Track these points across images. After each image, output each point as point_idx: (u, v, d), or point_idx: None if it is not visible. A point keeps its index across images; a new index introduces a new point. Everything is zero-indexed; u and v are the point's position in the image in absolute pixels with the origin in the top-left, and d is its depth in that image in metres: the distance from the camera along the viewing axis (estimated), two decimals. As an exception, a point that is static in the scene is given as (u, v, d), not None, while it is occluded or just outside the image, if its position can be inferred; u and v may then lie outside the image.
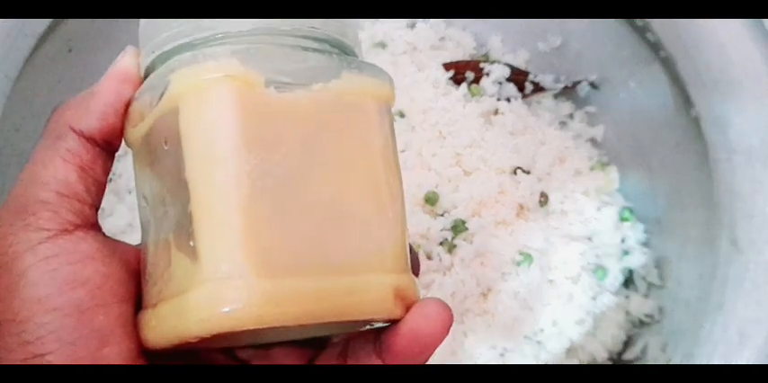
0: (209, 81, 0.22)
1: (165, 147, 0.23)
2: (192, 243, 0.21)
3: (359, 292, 0.22)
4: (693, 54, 0.41)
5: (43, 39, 0.41)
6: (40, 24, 0.41)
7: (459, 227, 0.44)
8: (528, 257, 0.45)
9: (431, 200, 0.45)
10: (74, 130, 0.24)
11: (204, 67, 0.22)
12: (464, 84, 0.51)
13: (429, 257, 0.44)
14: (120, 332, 0.23)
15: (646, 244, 0.48)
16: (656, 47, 0.44)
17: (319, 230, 0.22)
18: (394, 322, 0.23)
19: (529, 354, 0.43)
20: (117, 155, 0.25)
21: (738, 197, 0.38)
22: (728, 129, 0.39)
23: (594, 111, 0.52)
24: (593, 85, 0.51)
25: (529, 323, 0.44)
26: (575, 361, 0.44)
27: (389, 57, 0.51)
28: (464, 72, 0.51)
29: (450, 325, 0.23)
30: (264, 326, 0.21)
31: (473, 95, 0.50)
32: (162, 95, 0.22)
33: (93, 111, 0.24)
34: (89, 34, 0.47)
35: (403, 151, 0.46)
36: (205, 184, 0.21)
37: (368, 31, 0.53)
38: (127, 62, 0.25)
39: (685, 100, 0.42)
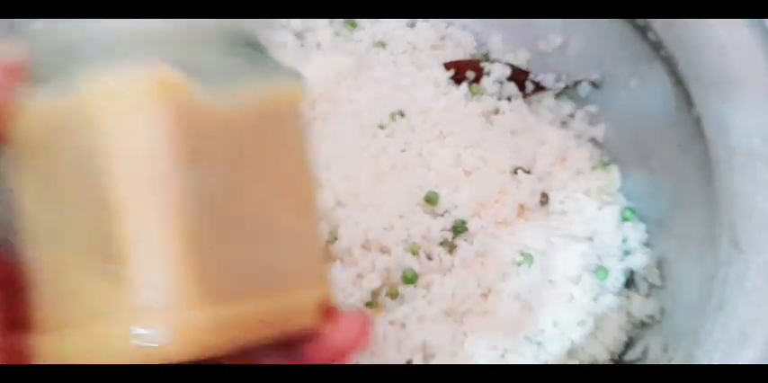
0: (136, 89, 0.20)
1: (71, 157, 0.20)
2: (113, 266, 0.19)
3: (289, 311, 0.22)
4: (694, 54, 0.41)
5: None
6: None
7: (459, 228, 0.44)
8: (528, 257, 0.45)
9: (431, 200, 0.45)
10: None
11: (130, 73, 0.20)
12: (464, 84, 0.51)
13: (429, 257, 0.44)
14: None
15: (647, 244, 0.47)
16: (657, 46, 0.44)
17: (249, 250, 0.21)
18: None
19: (529, 355, 0.43)
20: None
21: (739, 197, 0.38)
22: (729, 128, 0.39)
23: (595, 110, 0.52)
24: (594, 85, 0.51)
25: (529, 323, 0.44)
26: (575, 362, 0.44)
27: (389, 57, 0.52)
28: (464, 71, 0.51)
29: (367, 335, 0.23)
30: (200, 357, 0.20)
31: (473, 95, 0.51)
32: (72, 96, 0.20)
33: None
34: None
35: (403, 151, 0.47)
36: (137, 206, 0.19)
37: (368, 31, 0.53)
38: (12, 53, 0.23)
39: (686, 99, 0.42)
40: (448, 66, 0.51)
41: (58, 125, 0.21)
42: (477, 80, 0.51)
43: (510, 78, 0.52)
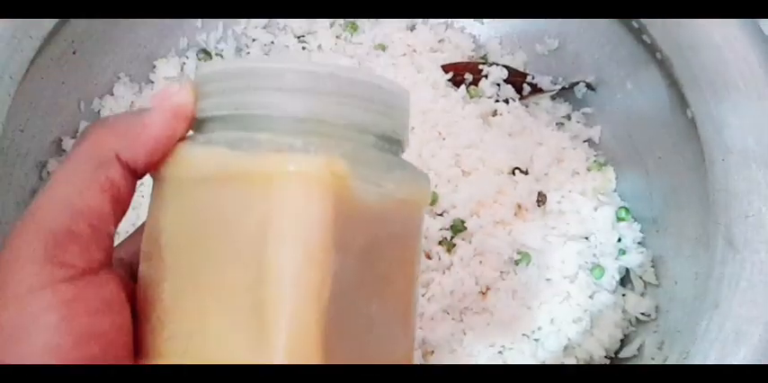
0: (314, 176, 0.21)
1: (229, 209, 0.22)
2: (256, 322, 0.21)
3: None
4: (689, 55, 0.41)
5: (48, 41, 0.42)
6: (45, 26, 0.41)
7: (458, 227, 0.45)
8: (526, 256, 0.45)
9: (430, 199, 0.45)
10: (119, 160, 0.23)
11: (312, 160, 0.21)
12: (463, 86, 0.51)
13: (428, 256, 0.44)
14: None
15: (642, 243, 0.48)
16: (652, 48, 0.44)
17: (367, 334, 0.23)
18: None
19: (527, 352, 0.44)
20: None
21: (734, 197, 0.38)
22: (724, 129, 0.39)
23: (591, 111, 0.52)
24: (590, 87, 0.51)
25: (527, 321, 0.44)
26: (572, 359, 0.45)
27: (389, 59, 0.52)
28: (463, 74, 0.52)
29: None
30: None
31: (472, 97, 0.51)
32: (251, 157, 0.22)
33: (144, 143, 0.23)
34: (93, 36, 0.47)
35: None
36: (292, 277, 0.21)
37: (368, 34, 0.53)
38: (184, 98, 0.24)
39: (681, 101, 0.42)
40: (446, 68, 0.52)
41: (224, 176, 0.22)
42: (475, 82, 0.52)
43: (507, 80, 0.52)
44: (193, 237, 0.23)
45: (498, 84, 0.52)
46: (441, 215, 0.45)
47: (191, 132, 0.24)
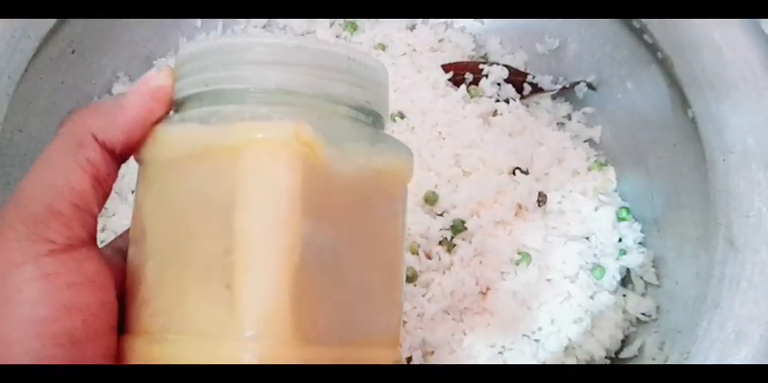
0: (279, 142, 0.22)
1: (204, 184, 0.22)
2: (228, 293, 0.21)
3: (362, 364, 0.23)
4: (690, 55, 0.41)
5: (46, 40, 0.42)
6: (44, 26, 0.41)
7: (458, 227, 0.45)
8: (526, 256, 0.45)
9: (430, 199, 0.45)
10: (96, 140, 0.23)
11: (278, 127, 0.22)
12: (463, 86, 0.51)
13: (429, 256, 0.44)
14: (106, 364, 0.22)
15: (643, 243, 0.48)
16: (653, 48, 0.44)
17: (346, 305, 0.23)
18: None
19: (527, 353, 0.44)
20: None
21: (734, 197, 0.38)
22: (725, 129, 0.39)
23: (592, 111, 0.52)
24: (590, 86, 0.51)
25: (527, 321, 0.44)
26: (572, 359, 0.44)
27: (389, 59, 0.52)
28: (463, 73, 0.52)
29: None
30: None
31: (472, 96, 0.51)
32: (221, 131, 0.22)
33: (121, 124, 0.23)
34: (92, 36, 0.47)
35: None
36: (259, 243, 0.21)
37: (368, 33, 0.53)
38: (162, 81, 0.24)
39: (682, 100, 0.42)
40: (447, 68, 0.52)
41: (196, 152, 0.22)
42: (475, 82, 0.52)
43: (508, 80, 0.52)
44: (172, 216, 0.23)
45: (499, 84, 0.52)
46: (441, 215, 0.45)
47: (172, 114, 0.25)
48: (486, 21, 0.55)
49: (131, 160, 0.25)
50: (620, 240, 0.48)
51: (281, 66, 0.23)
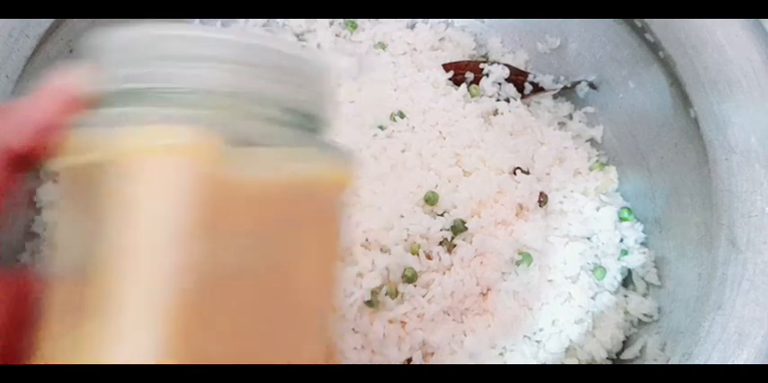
0: (170, 150, 0.19)
1: (98, 193, 0.20)
2: (111, 320, 0.19)
3: None
4: (692, 54, 0.41)
5: (44, 40, 0.42)
6: (42, 25, 0.41)
7: (458, 227, 0.44)
8: (527, 257, 0.45)
9: (431, 200, 0.45)
10: None
11: (171, 132, 0.19)
12: (464, 85, 0.51)
13: (429, 257, 0.44)
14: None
15: (644, 243, 0.48)
16: (654, 47, 0.44)
17: (248, 337, 0.20)
18: None
19: (528, 354, 0.44)
20: None
21: (737, 197, 0.38)
22: (727, 129, 0.39)
23: (593, 111, 0.52)
24: (591, 86, 0.51)
25: (528, 322, 0.44)
26: (573, 360, 0.44)
27: (390, 58, 0.52)
28: (464, 72, 0.51)
29: None
30: None
31: (472, 96, 0.51)
32: (113, 142, 0.19)
33: (13, 128, 0.21)
34: (90, 35, 0.47)
35: (403, 151, 0.47)
36: (136, 265, 0.19)
37: (368, 32, 0.53)
38: (71, 81, 0.22)
39: (684, 100, 0.42)
40: (447, 67, 0.52)
41: (95, 161, 0.20)
42: (476, 81, 0.52)
43: (509, 79, 0.52)
44: (74, 233, 0.21)
45: (499, 83, 0.52)
46: (441, 215, 0.45)
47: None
48: (486, 20, 0.54)
49: None
50: (621, 240, 0.48)
51: (199, 63, 0.20)
